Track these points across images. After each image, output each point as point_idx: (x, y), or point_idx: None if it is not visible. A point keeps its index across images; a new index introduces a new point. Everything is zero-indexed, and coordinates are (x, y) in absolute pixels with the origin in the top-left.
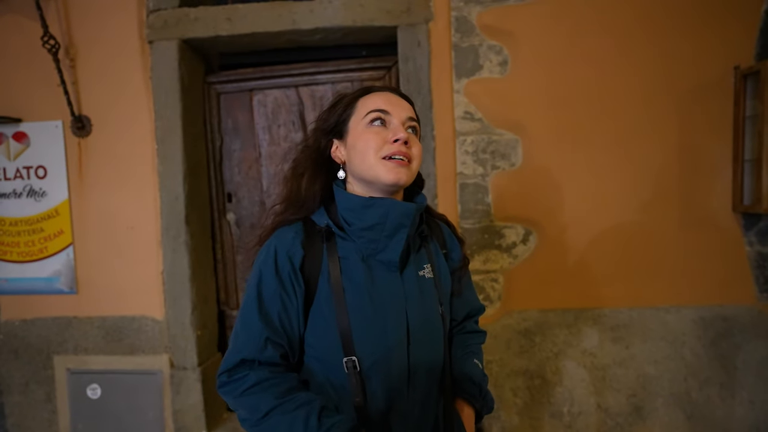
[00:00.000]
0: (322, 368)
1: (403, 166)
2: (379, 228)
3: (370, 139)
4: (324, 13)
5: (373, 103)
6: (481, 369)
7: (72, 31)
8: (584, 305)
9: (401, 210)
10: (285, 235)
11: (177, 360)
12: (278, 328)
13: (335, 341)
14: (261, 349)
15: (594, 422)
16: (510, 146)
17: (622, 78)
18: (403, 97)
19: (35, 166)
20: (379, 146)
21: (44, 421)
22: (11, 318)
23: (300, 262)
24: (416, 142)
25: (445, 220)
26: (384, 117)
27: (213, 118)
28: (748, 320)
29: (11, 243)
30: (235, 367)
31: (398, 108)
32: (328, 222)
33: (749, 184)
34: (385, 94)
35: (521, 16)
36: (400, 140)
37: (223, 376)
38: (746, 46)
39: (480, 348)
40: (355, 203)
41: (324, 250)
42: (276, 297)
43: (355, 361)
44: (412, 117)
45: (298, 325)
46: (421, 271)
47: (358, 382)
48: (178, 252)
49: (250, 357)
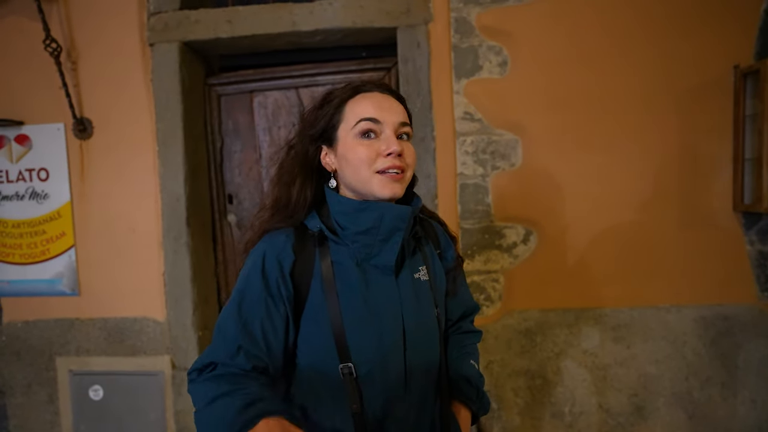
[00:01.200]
0: (317, 375)
1: (398, 179)
2: (374, 232)
3: (361, 152)
4: (324, 14)
5: (362, 109)
6: (478, 369)
7: (73, 34)
8: (585, 305)
9: (396, 213)
10: (275, 239)
11: (178, 361)
12: (257, 336)
13: (330, 348)
14: (232, 356)
15: (595, 422)
16: (510, 146)
17: (622, 78)
18: (393, 96)
19: (37, 169)
20: (371, 160)
21: (46, 423)
22: (13, 320)
23: (290, 267)
24: (409, 148)
25: (437, 219)
26: (374, 127)
27: (213, 120)
28: (749, 319)
29: (13, 245)
30: (204, 367)
31: (389, 114)
32: (321, 226)
33: (749, 183)
34: (374, 97)
35: (520, 16)
36: (393, 154)
37: (192, 374)
38: (746, 45)
39: (476, 348)
40: (348, 207)
41: (317, 254)
42: (260, 303)
43: (351, 367)
44: (404, 122)
45: (285, 332)
46: (417, 274)
47: (354, 388)
48: (179, 253)
49: (219, 361)
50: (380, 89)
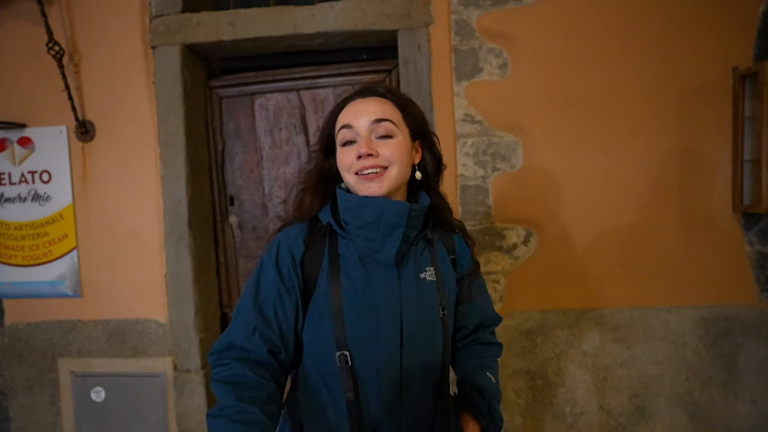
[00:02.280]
0: (316, 363)
1: (375, 178)
2: (374, 226)
3: (343, 158)
4: (325, 17)
5: (342, 119)
6: (495, 384)
7: (76, 37)
8: (585, 306)
9: (395, 208)
10: (289, 232)
11: (180, 362)
12: (270, 319)
13: (329, 336)
14: (248, 337)
15: (596, 423)
16: (510, 148)
17: (622, 80)
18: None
19: (40, 171)
20: (349, 165)
21: (48, 424)
22: (16, 321)
23: (301, 257)
24: (388, 144)
25: (458, 225)
26: (350, 135)
27: (215, 122)
28: (749, 320)
29: (16, 247)
30: (224, 350)
31: (361, 116)
32: (330, 220)
33: (749, 184)
34: (353, 105)
35: (520, 18)
36: (362, 156)
37: (212, 357)
38: (744, 48)
39: (495, 361)
40: (352, 202)
41: (326, 247)
42: (273, 288)
43: (347, 355)
44: (378, 118)
45: (294, 317)
46: (423, 274)
47: (349, 376)
48: (181, 255)
49: (237, 342)
50: (362, 95)
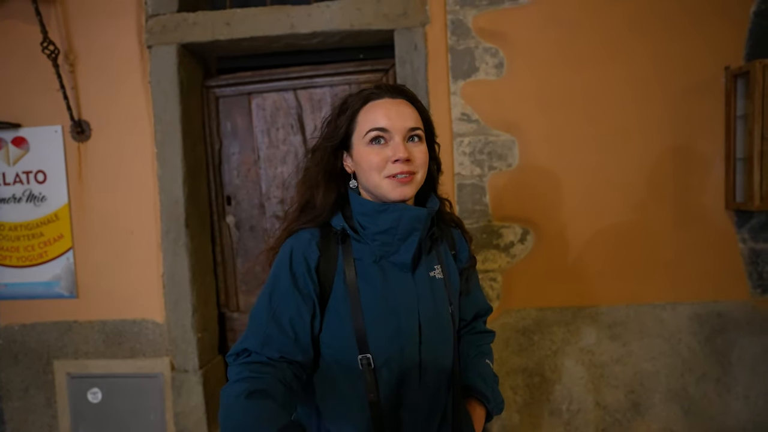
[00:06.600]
0: (338, 366)
1: (407, 182)
2: (392, 232)
3: (371, 160)
4: (322, 17)
5: (372, 118)
6: (492, 369)
7: (71, 36)
8: (582, 303)
9: (414, 215)
10: (302, 237)
11: (178, 363)
12: (285, 327)
13: (350, 339)
14: (261, 344)
15: (593, 419)
16: (506, 147)
17: (617, 79)
18: (404, 98)
19: (35, 171)
20: (381, 166)
21: (44, 426)
22: (11, 323)
23: (316, 263)
24: (419, 150)
25: (456, 220)
26: (384, 135)
27: (212, 122)
28: (742, 316)
29: (11, 248)
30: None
31: (398, 121)
32: (344, 225)
33: (741, 182)
34: (384, 105)
35: (516, 18)
36: (400, 160)
37: (230, 357)
38: (736, 47)
39: (490, 348)
40: (368, 208)
41: (339, 251)
42: (288, 295)
43: (370, 358)
44: (413, 126)
45: (311, 323)
46: (432, 272)
47: (372, 378)
48: (178, 255)
49: (251, 349)
50: (391, 94)
